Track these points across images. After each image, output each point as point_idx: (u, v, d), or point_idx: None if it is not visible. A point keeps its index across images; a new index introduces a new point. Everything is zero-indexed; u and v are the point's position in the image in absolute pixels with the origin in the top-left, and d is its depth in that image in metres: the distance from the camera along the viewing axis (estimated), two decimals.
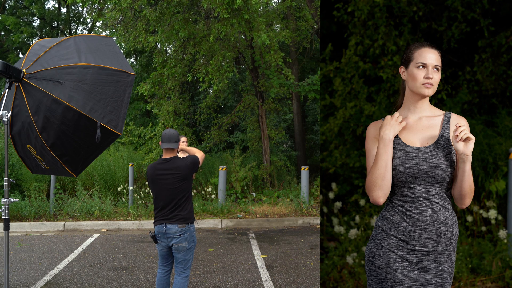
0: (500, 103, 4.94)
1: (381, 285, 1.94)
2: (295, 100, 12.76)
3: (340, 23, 4.91)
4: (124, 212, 8.12)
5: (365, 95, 4.70)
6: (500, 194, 4.61)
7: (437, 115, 1.97)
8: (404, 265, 1.91)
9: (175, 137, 3.45)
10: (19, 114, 2.88)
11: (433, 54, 1.91)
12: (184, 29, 8.28)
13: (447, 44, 4.80)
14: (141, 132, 10.96)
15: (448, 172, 1.87)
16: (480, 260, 4.16)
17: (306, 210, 8.23)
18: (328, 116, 4.82)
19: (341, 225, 4.54)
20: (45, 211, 8.00)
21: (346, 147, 4.76)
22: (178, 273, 3.48)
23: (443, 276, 1.90)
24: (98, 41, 3.28)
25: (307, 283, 4.57)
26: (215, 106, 12.74)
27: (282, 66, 9.61)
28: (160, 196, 3.42)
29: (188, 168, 3.43)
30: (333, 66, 4.77)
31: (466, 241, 4.37)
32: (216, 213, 8.12)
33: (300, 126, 13.09)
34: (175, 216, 3.37)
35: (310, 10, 9.99)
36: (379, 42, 4.65)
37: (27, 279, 4.75)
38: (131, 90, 3.09)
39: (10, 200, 2.96)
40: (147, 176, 3.52)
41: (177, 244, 3.38)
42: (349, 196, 4.88)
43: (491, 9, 4.70)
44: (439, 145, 1.89)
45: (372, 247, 1.99)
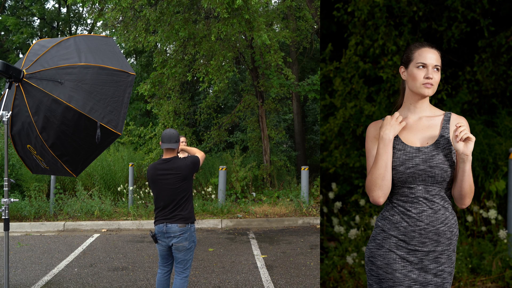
0: (500, 103, 4.94)
1: (381, 285, 1.94)
2: (295, 100, 12.76)
3: (340, 23, 4.91)
4: (124, 212, 8.12)
5: (365, 95, 4.70)
6: (500, 194, 4.62)
7: (437, 115, 1.97)
8: (404, 265, 1.91)
9: (175, 137, 3.45)
10: (19, 114, 2.87)
11: (433, 54, 1.91)
12: (184, 29, 8.28)
13: (447, 44, 4.79)
14: (141, 132, 10.96)
15: (448, 172, 1.86)
16: (480, 260, 4.16)
17: (306, 210, 8.23)
18: (328, 116, 4.82)
19: (341, 225, 4.54)
20: (45, 211, 8.00)
21: (346, 147, 4.76)
22: (178, 273, 3.48)
23: (443, 276, 1.91)
24: (98, 41, 3.28)
25: (307, 283, 4.57)
26: (215, 106, 12.75)
27: (282, 66, 9.61)
28: (160, 196, 3.42)
29: (189, 168, 3.44)
30: (333, 66, 4.77)
31: (466, 241, 4.37)
32: (216, 213, 8.12)
33: (300, 126, 13.09)
34: (175, 215, 3.37)
35: (310, 10, 9.99)
36: (379, 42, 4.65)
37: (27, 279, 4.75)
38: (131, 90, 3.09)
39: (10, 200, 2.96)
40: (147, 176, 3.52)
41: (177, 244, 3.38)
42: (349, 196, 4.88)
43: (491, 9, 4.70)
44: (439, 145, 1.89)
45: (372, 247, 1.99)
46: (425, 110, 1.98)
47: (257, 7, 7.92)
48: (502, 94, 4.93)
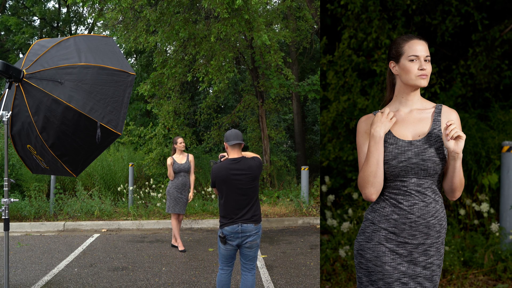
0: (493, 97, 4.95)
1: (370, 277, 1.95)
2: (295, 100, 12.77)
3: (334, 16, 4.90)
4: (124, 212, 8.12)
5: (358, 88, 4.70)
6: (492, 188, 4.63)
7: (428, 108, 1.99)
8: (394, 257, 1.92)
9: (241, 135, 3.45)
10: (19, 114, 2.88)
11: (423, 45, 1.93)
12: (184, 29, 8.28)
13: (441, 37, 4.79)
14: (141, 132, 10.96)
15: (440, 165, 1.88)
16: (473, 253, 4.18)
17: (306, 210, 8.23)
18: (322, 110, 4.83)
19: (334, 218, 4.56)
20: (45, 211, 8.00)
21: (339, 140, 4.77)
22: (249, 270, 3.49)
23: (432, 269, 1.92)
24: (98, 41, 3.28)
25: (307, 283, 4.57)
26: (215, 106, 12.75)
27: (282, 66, 9.61)
28: (232, 196, 3.37)
29: (259, 168, 3.44)
30: (327, 59, 4.76)
31: (458, 234, 4.38)
32: (216, 213, 8.11)
33: (300, 126, 13.10)
34: (251, 216, 3.38)
35: (310, 10, 9.99)
36: (373, 36, 4.65)
37: (27, 279, 4.75)
38: (131, 90, 3.09)
39: (10, 200, 2.96)
40: (216, 176, 3.41)
41: (252, 242, 3.40)
42: (343, 190, 4.89)
43: (485, 2, 4.70)
44: (431, 138, 1.91)
45: (362, 240, 2.00)
46: (416, 102, 1.99)
47: (257, 7, 7.92)
48: (495, 88, 4.94)
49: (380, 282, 1.92)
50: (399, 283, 1.91)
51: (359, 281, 2.00)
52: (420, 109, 1.98)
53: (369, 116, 2.04)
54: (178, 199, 5.79)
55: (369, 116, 2.04)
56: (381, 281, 1.92)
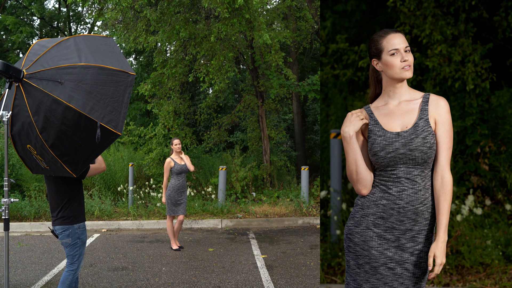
0: None
1: (358, 261, 1.98)
2: (295, 100, 12.76)
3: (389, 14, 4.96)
4: (124, 212, 8.11)
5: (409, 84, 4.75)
6: None
7: (416, 98, 2.01)
8: (381, 242, 1.95)
9: None
10: (19, 114, 2.87)
11: (400, 37, 1.96)
12: (185, 29, 8.28)
13: (502, 33, 4.76)
14: (141, 132, 10.96)
15: (428, 154, 1.90)
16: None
17: (306, 210, 8.23)
18: None
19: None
20: (45, 211, 7.99)
21: None
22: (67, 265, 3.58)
23: (420, 256, 1.94)
24: (98, 41, 3.27)
25: (307, 283, 4.57)
26: (215, 106, 12.75)
27: (282, 66, 9.61)
28: None
29: None
30: None
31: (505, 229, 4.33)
32: (216, 213, 8.12)
33: (300, 126, 13.10)
34: None
35: (310, 10, 9.99)
36: (426, 32, 4.67)
37: (27, 279, 4.75)
38: (131, 90, 3.08)
39: (10, 200, 2.96)
40: None
41: None
42: None
43: None
44: (418, 128, 1.93)
45: (351, 225, 2.04)
46: (404, 94, 2.02)
47: (258, 7, 7.92)
48: None
49: (367, 266, 1.96)
50: (385, 267, 1.94)
51: (347, 264, 2.05)
52: (408, 100, 2.01)
53: None
54: (178, 201, 5.81)
55: None
56: (367, 265, 1.96)
